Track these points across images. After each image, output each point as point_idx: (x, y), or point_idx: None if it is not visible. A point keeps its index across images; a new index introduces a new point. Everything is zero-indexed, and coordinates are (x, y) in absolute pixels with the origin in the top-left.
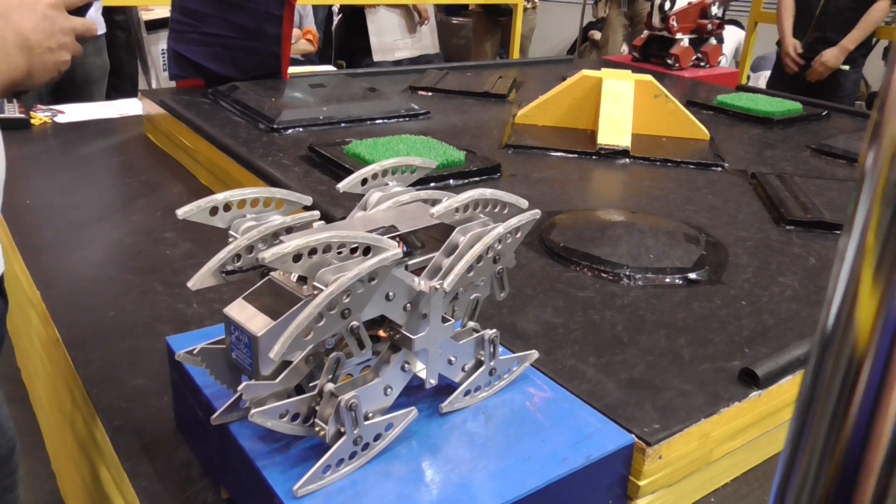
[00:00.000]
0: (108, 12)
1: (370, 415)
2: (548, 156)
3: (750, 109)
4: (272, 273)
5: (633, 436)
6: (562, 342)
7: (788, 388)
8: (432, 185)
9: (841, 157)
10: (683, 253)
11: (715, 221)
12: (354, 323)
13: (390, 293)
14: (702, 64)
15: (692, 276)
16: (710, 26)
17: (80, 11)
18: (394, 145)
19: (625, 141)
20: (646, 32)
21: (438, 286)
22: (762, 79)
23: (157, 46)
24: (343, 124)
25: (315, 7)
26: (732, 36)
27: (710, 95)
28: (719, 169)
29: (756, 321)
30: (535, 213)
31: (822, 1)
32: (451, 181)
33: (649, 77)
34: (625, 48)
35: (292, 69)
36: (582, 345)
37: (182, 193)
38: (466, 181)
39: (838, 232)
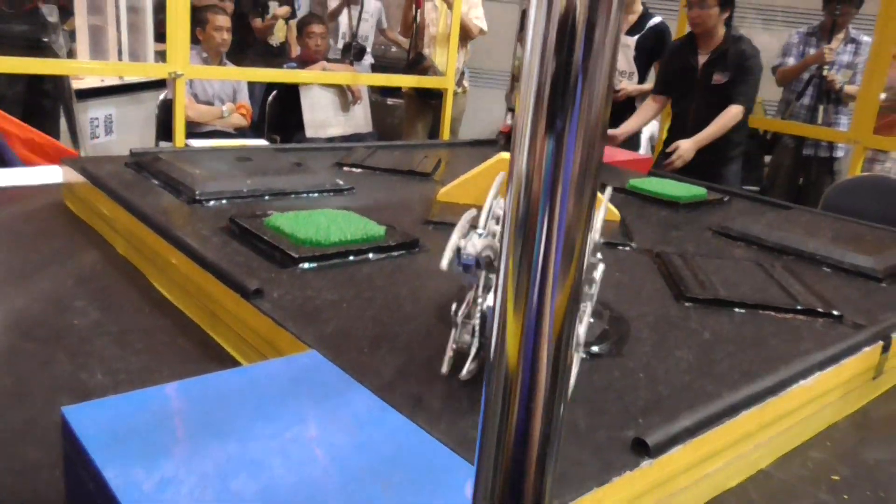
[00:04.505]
0: (36, 80)
1: None
2: None
3: (659, 193)
4: None
5: None
6: (465, 414)
7: (679, 457)
8: (351, 257)
9: (739, 239)
10: (588, 327)
11: (620, 297)
12: None
13: None
14: None
15: (595, 349)
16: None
17: None
18: (315, 218)
19: None
20: None
21: None
22: None
23: (86, 115)
24: (267, 197)
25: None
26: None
27: (623, 179)
28: (628, 248)
29: (651, 392)
30: None
31: (692, 117)
32: (371, 255)
33: None
34: None
35: (224, 142)
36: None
37: (96, 262)
38: (385, 255)
39: (734, 309)
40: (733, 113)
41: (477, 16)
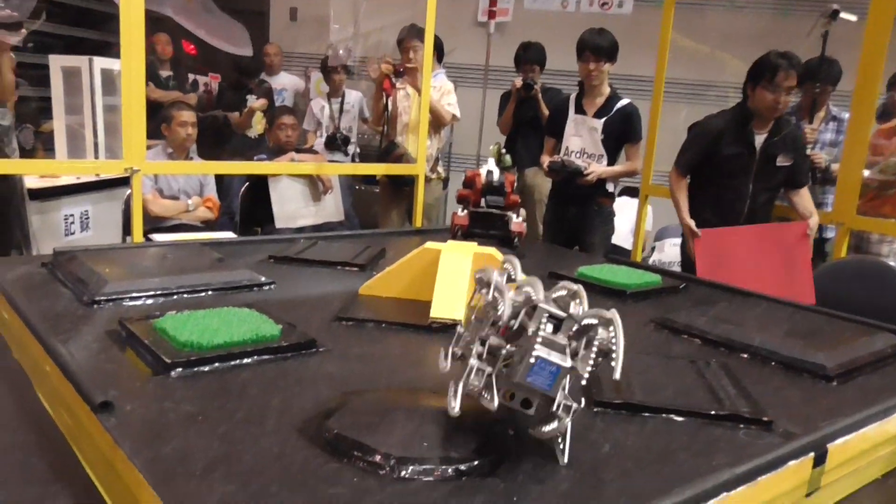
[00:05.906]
0: None
1: None
2: (379, 329)
3: (607, 281)
4: None
5: None
6: None
7: None
8: (234, 362)
9: (682, 332)
10: (464, 440)
11: None
12: None
13: None
14: None
15: (463, 467)
16: None
17: None
18: (208, 319)
19: (458, 314)
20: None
21: None
22: (667, 246)
23: (59, 212)
24: (175, 297)
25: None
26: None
27: (574, 266)
28: None
29: None
30: None
31: (748, 200)
32: (256, 358)
33: (492, 250)
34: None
35: (188, 235)
36: None
37: None
38: (273, 357)
39: (645, 414)
40: (809, 196)
41: (449, 102)
